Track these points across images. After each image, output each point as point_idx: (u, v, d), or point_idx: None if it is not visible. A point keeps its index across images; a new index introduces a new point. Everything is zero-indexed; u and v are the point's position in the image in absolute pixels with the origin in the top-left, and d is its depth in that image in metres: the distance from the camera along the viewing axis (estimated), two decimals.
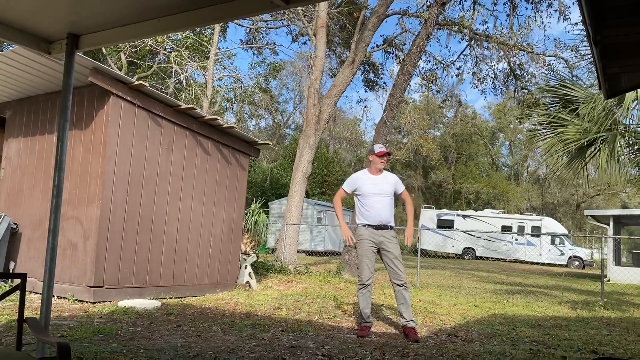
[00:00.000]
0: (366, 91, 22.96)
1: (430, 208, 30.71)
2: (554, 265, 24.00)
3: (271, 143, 8.43)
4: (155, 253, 6.19)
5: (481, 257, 25.20)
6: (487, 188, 41.63)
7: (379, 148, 5.12)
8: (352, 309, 6.36)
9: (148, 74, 19.78)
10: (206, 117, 6.83)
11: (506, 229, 25.45)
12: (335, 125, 42.33)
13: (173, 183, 6.46)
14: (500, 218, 26.62)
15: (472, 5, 17.15)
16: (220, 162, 7.32)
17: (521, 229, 25.30)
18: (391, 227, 5.00)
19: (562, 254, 24.60)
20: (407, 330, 4.82)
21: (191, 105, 6.57)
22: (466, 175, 44.25)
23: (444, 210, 30.26)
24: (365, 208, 5.01)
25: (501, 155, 52.75)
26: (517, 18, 17.76)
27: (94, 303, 5.48)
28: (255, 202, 10.32)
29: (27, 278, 2.30)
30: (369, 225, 4.96)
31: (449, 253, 27.32)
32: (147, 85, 5.89)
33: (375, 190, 5.00)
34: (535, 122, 9.52)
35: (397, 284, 4.87)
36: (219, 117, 7.04)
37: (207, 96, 18.10)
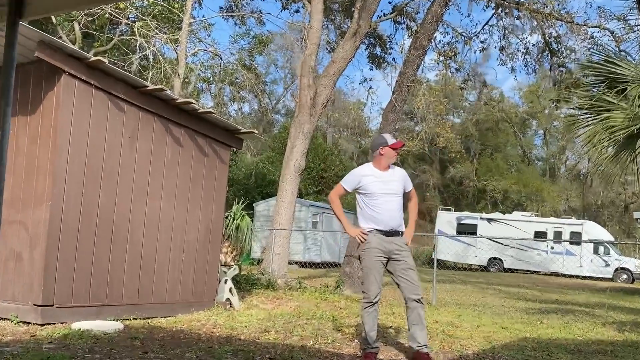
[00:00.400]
0: (371, 69, 22.91)
1: (449, 210, 30.81)
2: (597, 278, 24.12)
3: (257, 131, 8.43)
4: (116, 264, 6.19)
5: (510, 270, 25.32)
6: (517, 186, 41.77)
7: (392, 139, 5.15)
8: (355, 331, 6.37)
9: (107, 48, 19.71)
10: (178, 100, 6.81)
11: (540, 235, 25.55)
12: (334, 111, 42.39)
13: (138, 179, 6.45)
14: (533, 222, 26.73)
15: None
16: (195, 154, 7.30)
17: (558, 236, 25.40)
18: (402, 233, 5.02)
19: (607, 265, 24.71)
20: (420, 357, 4.83)
21: (160, 86, 6.55)
22: (492, 170, 44.41)
23: (465, 213, 30.36)
24: (373, 210, 5.00)
25: (534, 146, 53.01)
26: None
27: (43, 325, 5.47)
28: (238, 203, 10.30)
29: None
30: (377, 230, 4.96)
31: (471, 264, 27.42)
32: (107, 61, 5.87)
33: (385, 188, 5.01)
34: (574, 106, 9.55)
35: (414, 299, 4.86)
36: (193, 100, 7.03)
37: (179, 75, 18.05)
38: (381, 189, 5.01)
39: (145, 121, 6.56)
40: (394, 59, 22.10)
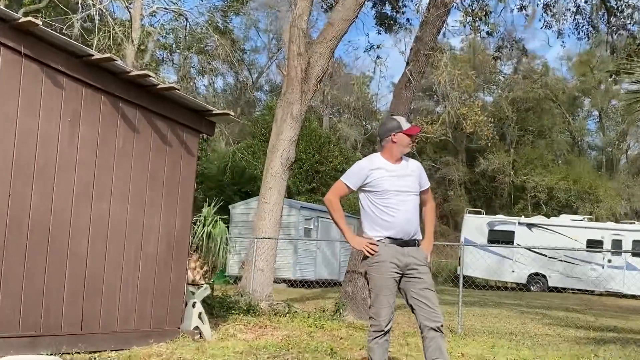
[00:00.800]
0: (380, 33, 22.80)
1: (478, 213, 30.85)
2: None
3: (233, 113, 8.41)
4: (54, 283, 6.16)
5: (556, 289, 25.37)
6: (566, 182, 41.86)
7: (406, 122, 5.17)
8: None
9: (41, 6, 19.64)
10: (132, 73, 6.78)
11: (594, 244, 25.61)
12: (332, 87, 42.39)
13: (81, 175, 6.42)
14: (586, 228, 26.80)
15: None
16: (155, 142, 7.27)
17: (617, 245, 25.48)
18: (419, 243, 5.05)
19: None
20: None
21: (109, 55, 6.52)
22: (533, 162, 44.51)
23: (500, 217, 30.42)
24: (384, 213, 5.01)
25: (587, 132, 53.18)
26: None
27: None
28: (209, 205, 10.28)
29: None
30: (390, 239, 4.97)
31: (506, 282, 27.46)
32: (40, 23, 5.83)
33: (400, 185, 5.03)
34: (638, 79, 9.57)
35: (432, 328, 4.86)
36: (151, 73, 7.01)
37: (132, 41, 18.01)
38: (395, 186, 5.01)
39: (90, 100, 6.52)
40: (408, 19, 22.04)
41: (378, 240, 4.98)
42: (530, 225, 27.54)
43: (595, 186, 41.77)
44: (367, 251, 4.97)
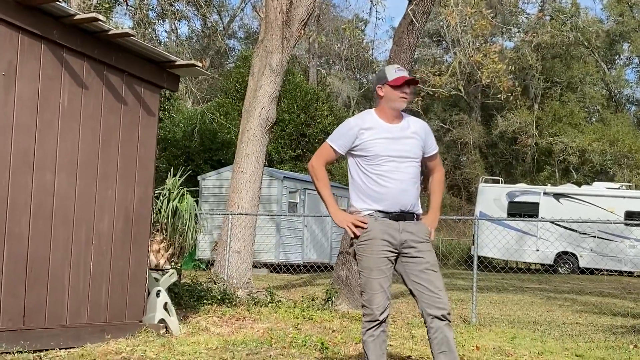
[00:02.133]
0: None
1: (496, 182, 30.97)
2: None
3: (201, 64, 8.39)
4: None
5: (588, 270, 25.60)
6: (601, 144, 42.03)
7: (395, 72, 5.06)
8: None
9: None
10: (78, 17, 6.73)
11: (634, 216, 25.76)
12: (320, 32, 42.16)
13: (19, 141, 6.39)
14: (624, 198, 26.94)
15: None
16: (107, 100, 7.25)
17: None
18: (419, 216, 5.01)
19: None
20: None
21: None
22: (562, 120, 44.63)
23: (521, 186, 30.55)
24: (375, 182, 4.97)
25: (625, 83, 53.21)
26: None
27: None
28: (174, 176, 10.29)
29: None
30: (381, 212, 4.93)
31: (529, 263, 27.66)
32: None
33: (395, 149, 4.96)
34: None
35: (436, 317, 4.84)
36: (101, 17, 6.96)
37: None
38: (389, 150, 4.95)
39: (28, 50, 6.47)
40: None
41: (367, 215, 4.94)
42: (557, 196, 27.67)
43: (636, 149, 41.91)
44: (352, 229, 4.93)
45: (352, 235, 4.96)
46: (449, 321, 4.86)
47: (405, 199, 4.93)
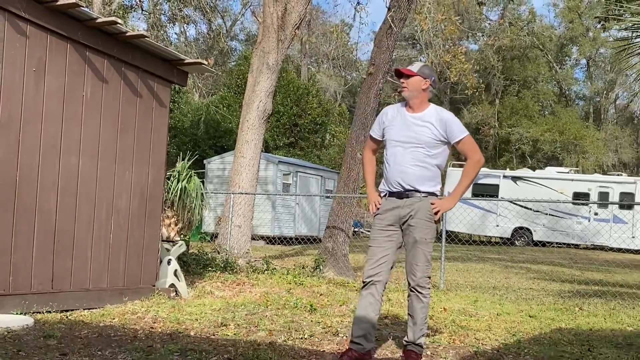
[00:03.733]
0: None
1: (462, 166, 30.99)
2: None
3: (206, 62, 8.35)
4: (22, 241, 6.16)
5: (541, 242, 25.76)
6: (552, 134, 42.17)
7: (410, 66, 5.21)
8: (340, 323, 6.47)
9: None
10: (99, 20, 6.70)
11: (581, 197, 25.92)
12: (310, 35, 41.99)
13: (48, 128, 6.37)
14: (572, 181, 27.09)
15: None
16: (124, 93, 7.22)
17: (604, 197, 25.80)
18: (425, 195, 4.98)
19: None
20: (407, 357, 5.03)
21: (74, 1, 6.41)
22: (519, 112, 44.74)
23: (484, 170, 30.55)
24: (385, 165, 5.12)
25: (574, 81, 53.35)
26: None
27: None
28: (183, 159, 10.25)
29: None
30: (389, 193, 5.07)
31: (490, 237, 27.81)
32: None
33: (402, 135, 5.03)
34: (627, 26, 9.58)
35: (410, 285, 5.01)
36: (119, 20, 6.92)
37: None
38: (397, 136, 5.04)
39: (56, 49, 6.44)
40: None
41: (383, 195, 5.11)
42: (515, 178, 27.79)
43: (582, 137, 42.11)
44: (371, 207, 5.14)
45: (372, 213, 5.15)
46: (420, 293, 4.95)
47: (404, 179, 4.95)
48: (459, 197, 5.08)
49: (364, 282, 4.97)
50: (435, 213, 4.97)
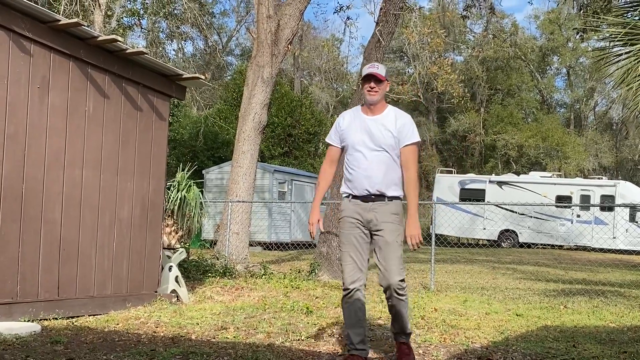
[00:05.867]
0: None
1: (450, 172, 31.10)
2: (635, 252, 24.70)
3: (203, 77, 8.36)
4: (28, 250, 6.16)
5: (526, 244, 25.81)
6: (535, 140, 42.27)
7: (366, 69, 4.84)
8: (335, 324, 6.47)
9: None
10: (100, 38, 6.72)
11: (563, 200, 26.01)
12: (302, 49, 42.11)
13: (52, 142, 6.38)
14: (555, 185, 27.19)
15: None
16: (125, 107, 7.24)
17: (585, 200, 25.89)
18: (391, 198, 4.76)
19: None
20: (399, 349, 4.92)
21: (76, 20, 6.44)
22: (503, 120, 44.83)
23: (470, 175, 30.73)
24: (346, 169, 4.86)
25: (555, 89, 53.52)
26: None
27: None
28: (183, 170, 10.26)
29: None
30: (352, 196, 4.83)
31: (478, 239, 27.84)
32: None
33: (363, 138, 4.77)
34: (605, 36, 9.64)
35: (385, 288, 4.74)
36: (119, 38, 6.93)
37: (99, 6, 17.72)
38: (357, 140, 4.79)
39: (59, 66, 6.46)
40: None
41: (345, 197, 4.87)
42: (500, 183, 27.86)
43: (564, 143, 42.23)
44: (309, 229, 4.93)
45: (310, 233, 4.95)
46: (397, 293, 4.70)
47: (370, 184, 4.71)
48: (417, 217, 4.79)
49: (347, 289, 4.70)
50: (416, 243, 4.69)
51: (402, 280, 4.71)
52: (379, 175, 4.72)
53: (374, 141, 4.75)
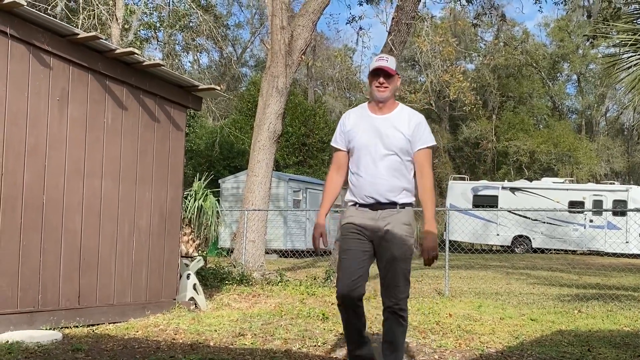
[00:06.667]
0: (361, 4, 22.88)
1: (463, 179, 31.01)
2: None
3: (219, 88, 8.40)
4: (50, 260, 6.19)
5: (540, 249, 25.65)
6: (547, 146, 42.05)
7: (374, 62, 4.28)
8: None
9: None
10: (118, 51, 6.76)
11: (576, 205, 25.84)
12: (315, 59, 42.15)
13: (72, 153, 6.43)
14: (567, 190, 27.03)
15: None
16: (143, 118, 7.27)
17: (598, 205, 25.72)
18: (403, 206, 4.22)
19: None
20: None
21: (94, 34, 6.48)
22: (515, 127, 44.62)
23: (483, 182, 30.61)
24: (352, 175, 4.32)
25: (566, 96, 53.29)
26: None
27: None
28: (199, 180, 10.31)
29: None
30: (357, 204, 4.28)
31: (491, 245, 27.71)
32: (25, 3, 5.78)
33: (371, 139, 4.22)
34: (615, 43, 9.60)
35: (387, 306, 4.16)
36: (136, 51, 6.98)
37: (117, 19, 17.85)
38: (364, 142, 4.24)
39: (78, 79, 6.51)
40: None
41: (349, 204, 4.32)
42: (513, 189, 27.76)
43: (575, 148, 42.00)
44: (314, 241, 4.36)
45: (313, 243, 4.36)
46: (399, 315, 4.14)
47: (379, 190, 4.16)
48: (435, 229, 4.20)
49: (341, 297, 4.13)
50: (432, 257, 4.16)
51: (406, 299, 4.18)
52: (389, 182, 4.18)
53: (384, 143, 4.20)
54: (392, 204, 4.19)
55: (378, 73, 4.22)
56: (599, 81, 47.23)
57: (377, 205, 4.19)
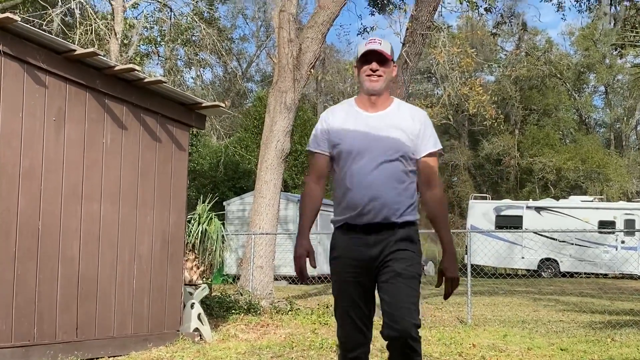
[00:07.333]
0: (373, 14, 22.93)
1: (484, 199, 30.89)
2: None
3: (224, 105, 8.44)
4: (46, 289, 6.19)
5: (569, 274, 25.46)
6: (574, 162, 41.90)
7: (364, 45, 3.66)
8: None
9: (18, 1, 19.60)
10: (117, 68, 6.81)
11: (606, 225, 25.69)
12: (325, 73, 42.36)
13: (69, 176, 6.45)
14: (597, 209, 26.87)
15: None
16: (144, 138, 7.30)
17: (630, 225, 25.56)
18: (402, 225, 3.57)
19: None
20: None
21: (92, 50, 6.53)
22: (540, 142, 44.49)
23: (506, 201, 30.47)
24: (339, 186, 3.67)
25: (593, 108, 53.13)
26: None
27: None
28: (203, 202, 10.32)
29: None
30: (346, 225, 3.65)
31: (516, 269, 27.54)
32: (18, 19, 5.84)
33: (364, 142, 3.58)
34: None
35: (389, 336, 3.45)
36: (137, 67, 7.03)
37: (115, 34, 18.01)
38: (357, 145, 3.58)
39: (75, 97, 6.54)
40: None
41: (335, 227, 3.73)
42: (538, 209, 27.61)
43: (604, 164, 41.78)
44: (296, 269, 3.76)
45: (296, 272, 3.78)
46: (413, 349, 3.44)
47: (375, 207, 3.52)
48: (455, 253, 3.65)
49: (347, 354, 3.74)
50: (452, 290, 3.60)
51: (418, 327, 3.45)
52: (387, 195, 3.52)
53: (382, 147, 3.56)
54: (391, 226, 3.55)
55: (369, 58, 3.61)
56: (628, 92, 47.14)
57: (372, 228, 3.54)
